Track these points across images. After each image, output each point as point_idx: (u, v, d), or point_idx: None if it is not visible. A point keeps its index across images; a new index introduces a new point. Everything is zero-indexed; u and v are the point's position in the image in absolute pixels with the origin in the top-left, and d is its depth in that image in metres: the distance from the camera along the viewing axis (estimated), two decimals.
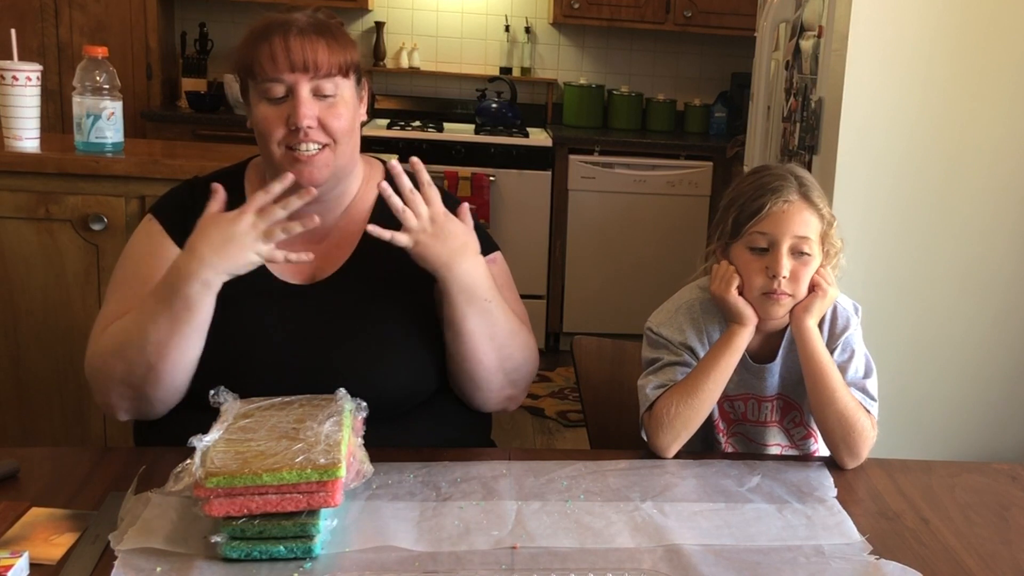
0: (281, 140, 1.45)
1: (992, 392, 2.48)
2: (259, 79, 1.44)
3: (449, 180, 4.23)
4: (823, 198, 1.50)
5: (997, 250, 2.41)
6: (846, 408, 1.44)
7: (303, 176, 1.46)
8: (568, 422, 3.74)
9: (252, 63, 1.44)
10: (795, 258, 1.45)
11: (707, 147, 4.54)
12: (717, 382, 1.46)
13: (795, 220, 1.45)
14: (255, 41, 1.45)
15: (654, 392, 1.48)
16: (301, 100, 1.44)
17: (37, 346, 2.39)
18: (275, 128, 1.45)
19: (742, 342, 1.48)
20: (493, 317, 1.49)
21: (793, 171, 1.51)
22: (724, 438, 1.59)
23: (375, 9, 4.72)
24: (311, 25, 1.47)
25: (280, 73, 1.43)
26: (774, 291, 1.45)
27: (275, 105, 1.45)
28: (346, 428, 1.21)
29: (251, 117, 1.50)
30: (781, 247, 1.44)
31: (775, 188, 1.46)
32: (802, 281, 1.46)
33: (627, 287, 4.46)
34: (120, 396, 1.45)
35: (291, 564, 1.12)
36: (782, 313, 1.48)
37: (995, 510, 1.36)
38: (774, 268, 1.44)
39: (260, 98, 1.46)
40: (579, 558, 1.16)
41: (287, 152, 1.46)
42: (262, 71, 1.44)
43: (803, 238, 1.45)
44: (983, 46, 2.31)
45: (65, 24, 4.15)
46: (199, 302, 1.37)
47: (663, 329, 1.54)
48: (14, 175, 2.32)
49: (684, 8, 4.59)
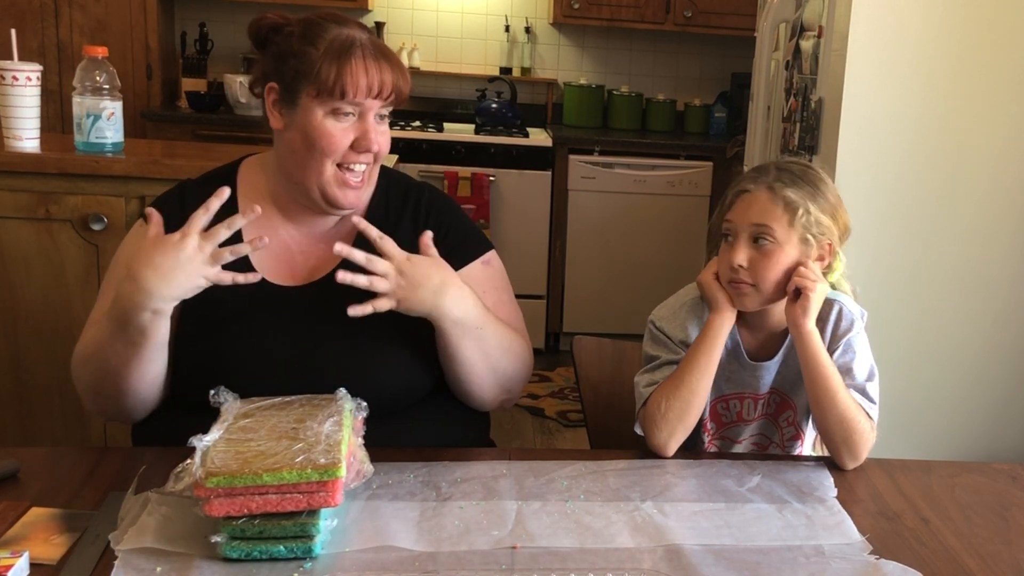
0: (342, 160, 1.47)
1: (992, 392, 2.48)
2: (344, 98, 1.43)
3: (449, 180, 4.23)
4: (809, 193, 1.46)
5: (997, 250, 2.41)
6: (847, 410, 1.44)
7: (348, 198, 1.49)
8: (568, 422, 3.74)
9: (340, 81, 1.42)
10: (755, 247, 1.45)
11: (707, 147, 4.54)
12: (702, 372, 1.46)
13: (753, 209, 1.45)
14: (338, 57, 1.43)
15: (647, 390, 1.49)
16: (371, 126, 1.47)
17: (37, 346, 2.39)
18: (340, 146, 1.46)
19: (718, 328, 1.47)
20: (486, 342, 1.49)
21: (783, 163, 1.51)
22: (709, 438, 1.59)
23: (375, 9, 4.72)
24: (381, 50, 1.49)
25: (362, 96, 1.44)
26: (732, 280, 1.46)
27: (342, 123, 1.46)
28: (346, 428, 1.21)
29: (298, 125, 1.47)
30: (740, 235, 1.46)
31: (747, 178, 1.49)
32: (764, 272, 1.44)
33: (627, 287, 4.46)
34: (93, 401, 1.49)
35: (291, 564, 1.12)
36: (750, 304, 1.47)
37: (995, 510, 1.36)
38: (730, 257, 1.45)
39: (327, 113, 1.45)
40: (579, 558, 1.16)
41: (338, 172, 1.47)
42: (353, 91, 1.43)
43: (761, 226, 1.44)
44: (983, 46, 2.31)
45: (65, 24, 4.15)
46: (152, 328, 1.36)
47: (665, 324, 1.54)
48: (14, 175, 2.32)
49: (684, 8, 4.59)
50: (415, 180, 1.68)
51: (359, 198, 1.51)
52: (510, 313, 1.60)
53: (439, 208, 1.61)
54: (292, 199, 1.53)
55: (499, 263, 1.65)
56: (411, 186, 1.64)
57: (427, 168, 4.23)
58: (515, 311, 1.62)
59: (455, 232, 1.59)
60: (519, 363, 1.57)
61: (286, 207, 1.54)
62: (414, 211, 1.59)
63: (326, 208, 1.51)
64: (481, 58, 4.88)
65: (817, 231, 1.47)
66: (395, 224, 1.56)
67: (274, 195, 1.55)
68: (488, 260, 1.62)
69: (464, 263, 1.57)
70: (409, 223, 1.58)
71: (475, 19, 4.84)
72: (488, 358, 1.50)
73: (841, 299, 1.52)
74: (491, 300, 1.55)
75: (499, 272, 1.64)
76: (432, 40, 4.85)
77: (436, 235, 1.53)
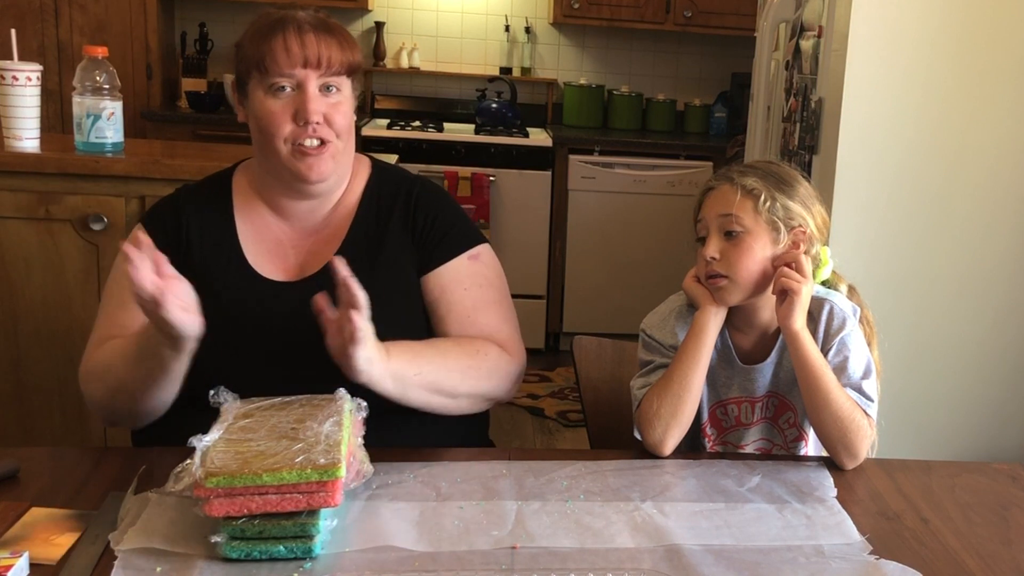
0: (288, 136, 1.46)
1: (992, 392, 2.48)
2: (270, 73, 1.45)
3: (449, 180, 4.23)
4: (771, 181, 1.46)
5: (997, 250, 2.41)
6: (841, 409, 1.44)
7: (311, 170, 1.47)
8: (568, 422, 3.74)
9: (262, 56, 1.45)
10: (727, 239, 1.46)
11: (707, 147, 4.54)
12: (690, 366, 1.46)
13: (719, 201, 1.47)
14: (264, 35, 1.46)
15: (640, 392, 1.49)
16: (310, 95, 1.45)
17: (37, 346, 2.39)
18: (282, 123, 1.46)
19: (704, 326, 1.47)
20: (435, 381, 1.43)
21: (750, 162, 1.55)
22: (710, 444, 1.59)
23: (375, 9, 4.72)
24: (320, 23, 1.49)
25: (293, 68, 1.44)
26: (708, 274, 1.46)
27: (280, 100, 1.46)
28: (346, 428, 1.21)
29: (250, 112, 1.51)
30: (710, 229, 1.47)
31: (711, 177, 1.53)
32: (736, 263, 1.44)
33: (627, 287, 4.46)
34: (101, 412, 1.52)
35: (291, 564, 1.12)
36: (729, 298, 1.47)
37: (995, 510, 1.36)
38: (703, 251, 1.47)
39: (266, 93, 1.47)
40: (579, 558, 1.16)
41: (293, 148, 1.47)
42: (275, 65, 1.44)
43: (726, 216, 1.45)
44: (983, 46, 2.31)
45: (65, 24, 4.15)
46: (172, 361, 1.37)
47: (655, 332, 1.54)
48: (14, 175, 2.32)
49: (684, 8, 4.59)
50: (410, 174, 1.66)
51: (321, 170, 1.48)
52: (494, 312, 1.57)
53: (427, 201, 1.59)
54: (275, 191, 1.55)
55: (491, 259, 1.62)
56: (403, 179, 1.63)
57: (427, 168, 4.23)
58: (501, 310, 1.58)
59: (440, 225, 1.57)
60: (491, 378, 1.52)
61: (272, 201, 1.56)
62: (404, 205, 1.58)
63: (299, 187, 1.51)
64: (481, 58, 4.88)
65: (784, 215, 1.46)
66: (386, 220, 1.56)
67: (261, 191, 1.57)
68: (476, 255, 1.59)
69: (448, 257, 1.56)
70: (399, 218, 1.57)
71: (475, 19, 4.84)
72: (443, 392, 1.46)
73: (832, 297, 1.52)
74: (471, 297, 1.54)
75: (489, 268, 1.60)
76: (432, 40, 4.85)
77: (420, 228, 1.55)
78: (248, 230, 1.55)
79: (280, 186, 1.53)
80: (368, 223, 1.56)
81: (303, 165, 1.47)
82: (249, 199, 1.57)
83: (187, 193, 1.59)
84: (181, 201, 1.56)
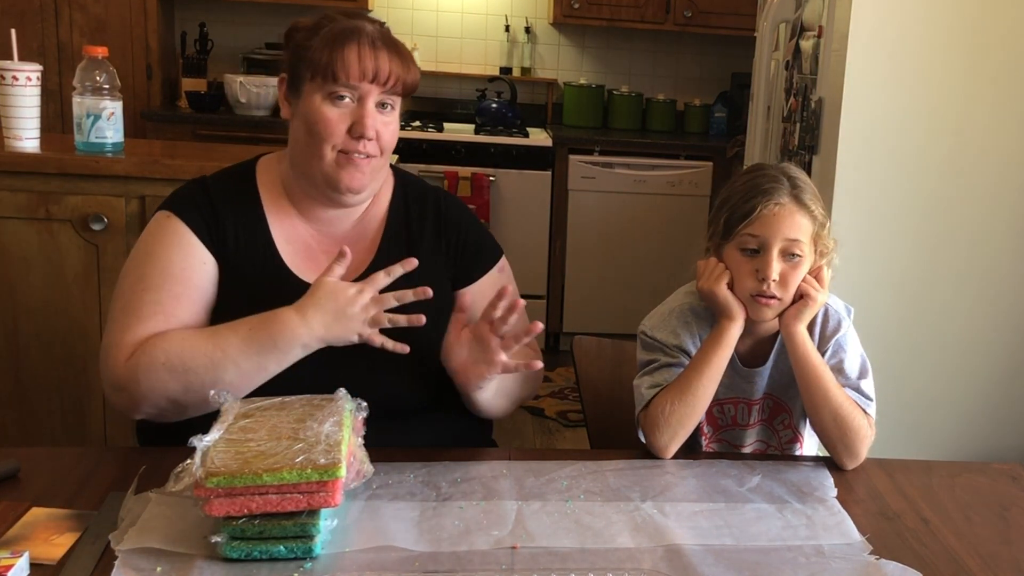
0: (338, 143, 1.47)
1: (992, 392, 2.48)
2: (337, 81, 1.45)
3: (449, 180, 4.23)
4: (816, 199, 1.48)
5: (997, 250, 2.41)
6: (840, 409, 1.44)
7: (351, 180, 1.48)
8: (568, 422, 3.74)
9: (332, 63, 1.45)
10: (785, 261, 1.44)
11: (707, 147, 4.54)
12: (710, 378, 1.46)
13: (786, 223, 1.44)
14: (338, 42, 1.46)
15: (649, 392, 1.48)
16: (368, 111, 1.47)
17: (37, 346, 2.39)
18: (336, 131, 1.47)
19: (731, 338, 1.47)
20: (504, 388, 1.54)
21: (787, 171, 1.49)
22: (706, 441, 1.59)
23: (375, 9, 4.72)
24: (389, 40, 1.51)
25: (360, 80, 1.46)
26: (762, 294, 1.45)
27: (339, 108, 1.47)
28: (346, 428, 1.21)
29: (300, 113, 1.50)
30: (771, 250, 1.44)
31: (767, 190, 1.45)
32: (791, 284, 1.45)
33: (627, 287, 4.46)
34: (154, 406, 1.42)
35: (291, 564, 1.12)
36: (770, 316, 1.47)
37: (995, 510, 1.36)
38: (764, 271, 1.44)
39: (324, 98, 1.47)
40: (579, 558, 1.16)
41: (340, 155, 1.48)
42: (343, 74, 1.45)
43: (794, 240, 1.44)
44: (983, 46, 2.31)
45: (65, 24, 4.15)
46: (291, 359, 1.41)
47: (656, 332, 1.53)
48: (14, 175, 2.32)
49: (684, 8, 4.59)
50: (429, 184, 1.69)
51: (361, 181, 1.50)
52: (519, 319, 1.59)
53: (456, 215, 1.64)
54: (305, 194, 1.54)
55: (507, 265, 1.68)
56: (428, 191, 1.65)
57: (427, 168, 4.23)
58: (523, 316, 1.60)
59: (473, 238, 1.63)
60: (532, 383, 1.62)
61: (301, 203, 1.55)
62: (434, 219, 1.61)
63: (331, 195, 1.51)
64: (481, 58, 4.88)
65: (827, 242, 1.49)
66: (418, 232, 1.58)
67: (289, 191, 1.56)
68: (502, 266, 1.65)
69: (483, 272, 1.61)
70: (431, 233, 1.60)
71: (475, 19, 4.84)
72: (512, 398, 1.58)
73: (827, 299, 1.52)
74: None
75: (510, 277, 1.66)
76: (432, 40, 4.85)
77: (454, 242, 1.59)
78: (280, 230, 1.53)
79: (313, 190, 1.52)
80: (399, 233, 1.58)
81: (344, 173, 1.48)
82: (276, 199, 1.55)
83: (216, 185, 1.55)
84: (212, 193, 1.52)
